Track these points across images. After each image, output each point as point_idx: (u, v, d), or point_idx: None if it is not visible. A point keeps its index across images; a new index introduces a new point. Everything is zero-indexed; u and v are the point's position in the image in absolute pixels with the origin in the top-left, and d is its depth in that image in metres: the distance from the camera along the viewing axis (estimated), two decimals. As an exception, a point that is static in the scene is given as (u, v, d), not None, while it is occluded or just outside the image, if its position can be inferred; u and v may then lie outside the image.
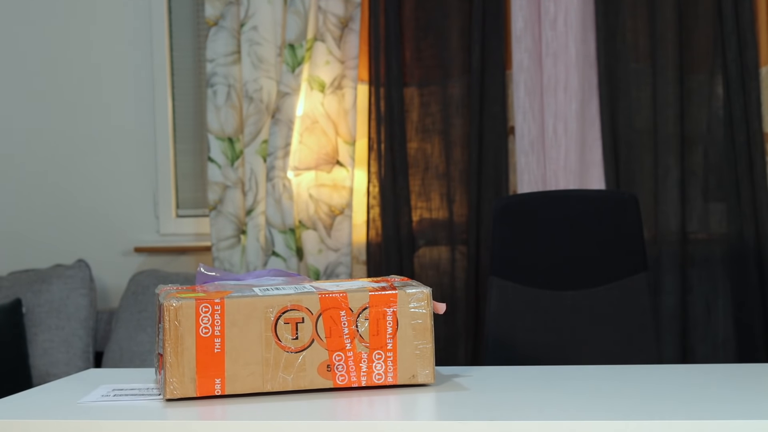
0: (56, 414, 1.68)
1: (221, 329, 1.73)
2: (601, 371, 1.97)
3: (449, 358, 3.63)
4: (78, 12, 4.05)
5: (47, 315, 3.72)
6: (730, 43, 3.48)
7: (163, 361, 1.73)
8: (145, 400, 1.75)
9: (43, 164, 4.06)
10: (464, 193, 3.68)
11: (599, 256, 2.60)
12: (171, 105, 4.04)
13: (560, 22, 3.53)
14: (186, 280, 3.63)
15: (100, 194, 4.05)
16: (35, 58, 4.07)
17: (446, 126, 3.71)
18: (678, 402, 1.65)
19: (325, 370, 1.76)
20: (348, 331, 1.76)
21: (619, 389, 1.76)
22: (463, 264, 3.67)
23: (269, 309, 1.74)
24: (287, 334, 1.74)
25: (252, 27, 3.71)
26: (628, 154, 3.58)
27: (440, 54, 3.72)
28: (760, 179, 3.47)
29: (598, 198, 2.77)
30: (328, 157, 3.70)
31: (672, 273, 3.50)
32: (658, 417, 1.55)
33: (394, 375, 1.78)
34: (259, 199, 3.73)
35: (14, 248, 4.07)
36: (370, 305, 1.77)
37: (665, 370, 1.98)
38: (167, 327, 1.72)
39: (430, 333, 1.79)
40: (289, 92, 3.66)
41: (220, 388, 1.73)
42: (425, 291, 1.80)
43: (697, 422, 1.50)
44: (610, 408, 1.62)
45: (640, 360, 2.49)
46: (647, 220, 3.51)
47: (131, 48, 4.03)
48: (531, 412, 1.62)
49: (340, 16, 3.68)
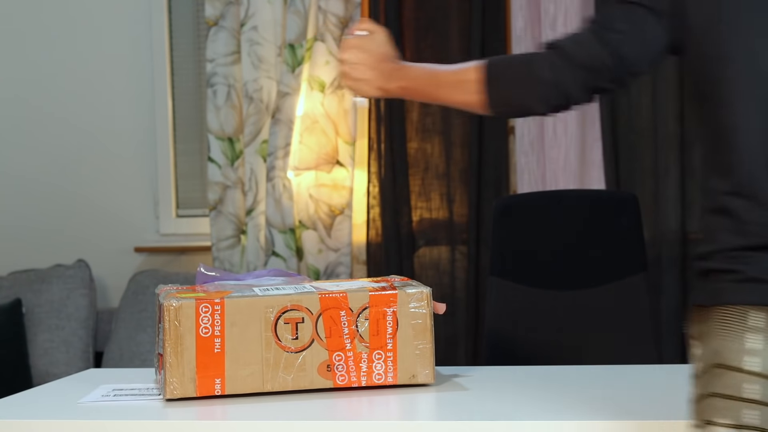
0: (56, 414, 1.68)
1: (221, 329, 1.73)
2: (601, 371, 1.97)
3: (449, 358, 3.63)
4: (78, 12, 4.05)
5: (47, 315, 3.72)
6: (730, 43, 3.48)
7: (163, 361, 1.73)
8: (145, 400, 1.75)
9: (43, 164, 4.06)
10: (464, 193, 3.68)
11: (599, 256, 2.60)
12: (171, 105, 4.04)
13: (560, 22, 3.53)
14: (186, 280, 3.62)
15: (100, 194, 4.05)
16: (35, 58, 4.07)
17: (446, 126, 3.71)
18: (678, 402, 1.65)
19: (325, 370, 1.76)
20: (348, 331, 1.76)
21: (619, 389, 1.76)
22: (463, 264, 3.67)
23: (269, 309, 1.74)
24: (287, 334, 1.74)
25: (252, 27, 3.70)
26: (628, 154, 3.58)
27: (440, 54, 3.72)
28: (760, 179, 3.47)
29: (598, 198, 2.77)
30: (328, 157, 3.70)
31: (672, 273, 3.50)
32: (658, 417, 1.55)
33: (394, 375, 1.78)
34: (259, 199, 3.73)
35: (14, 248, 4.07)
36: (370, 305, 1.77)
37: (665, 370, 1.98)
38: (167, 327, 1.72)
39: (430, 333, 1.80)
40: (289, 92, 3.66)
41: (220, 388, 1.73)
42: (425, 291, 1.80)
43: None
44: (610, 408, 1.62)
45: (640, 360, 2.49)
46: (647, 220, 3.50)
47: (131, 48, 4.03)
48: (531, 412, 1.62)
49: (340, 16, 3.68)
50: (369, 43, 1.86)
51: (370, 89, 1.86)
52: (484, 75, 1.70)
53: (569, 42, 1.61)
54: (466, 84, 1.72)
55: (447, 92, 1.77)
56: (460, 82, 1.74)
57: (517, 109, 1.70)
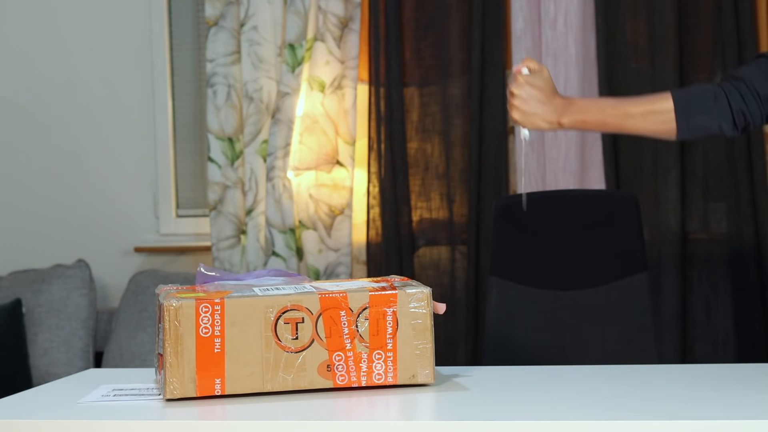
0: (56, 414, 1.68)
1: (221, 329, 1.73)
2: (601, 371, 1.97)
3: (449, 358, 3.63)
4: (78, 12, 4.05)
5: (47, 315, 3.72)
6: (730, 43, 3.48)
7: (163, 361, 1.73)
8: (145, 400, 1.75)
9: (43, 164, 4.06)
10: (464, 193, 3.68)
11: (599, 256, 2.60)
12: (171, 105, 4.04)
13: (560, 22, 3.53)
14: (186, 280, 3.62)
15: (100, 194, 4.05)
16: (35, 58, 4.07)
17: (446, 126, 3.71)
18: (678, 402, 1.65)
19: (325, 370, 1.76)
20: (348, 331, 1.76)
21: (619, 389, 1.76)
22: (463, 264, 3.67)
23: (269, 309, 1.74)
24: (287, 334, 1.74)
25: (252, 27, 3.70)
26: (628, 154, 3.58)
27: (440, 54, 3.72)
28: (759, 179, 3.47)
29: (598, 198, 2.77)
30: (328, 157, 3.70)
31: (672, 273, 3.50)
32: (658, 417, 1.55)
33: (394, 375, 1.78)
34: (259, 199, 3.73)
35: (14, 248, 4.07)
36: (370, 305, 1.77)
37: (665, 370, 1.98)
38: (167, 327, 1.72)
39: (430, 333, 1.79)
40: (289, 92, 3.66)
41: (220, 388, 1.73)
42: (425, 291, 1.80)
43: (697, 422, 1.50)
44: (610, 408, 1.62)
45: (640, 360, 2.49)
46: (647, 220, 3.50)
47: (131, 48, 4.03)
48: (531, 412, 1.62)
49: (340, 16, 3.68)
50: (538, 79, 2.04)
51: (542, 123, 2.05)
52: (674, 106, 1.97)
53: (749, 74, 1.98)
54: (658, 114, 1.98)
55: (636, 123, 2.00)
56: (650, 113, 1.99)
57: (706, 134, 1.99)
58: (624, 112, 2.01)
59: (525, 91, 2.04)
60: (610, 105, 2.05)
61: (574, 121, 2.04)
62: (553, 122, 2.04)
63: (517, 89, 2.05)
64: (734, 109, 1.96)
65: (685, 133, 1.98)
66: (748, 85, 1.98)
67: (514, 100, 2.05)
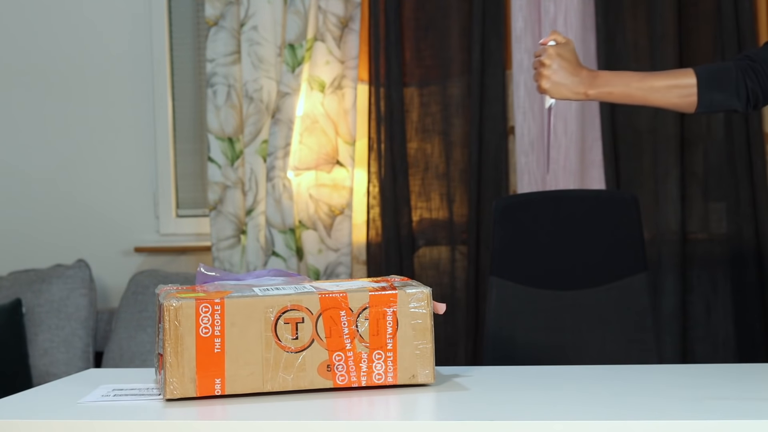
0: (56, 414, 1.68)
1: (221, 329, 1.73)
2: (601, 371, 1.97)
3: (449, 358, 3.63)
4: (78, 12, 4.05)
5: (47, 315, 3.71)
6: (730, 43, 3.48)
7: (163, 361, 1.73)
8: (145, 400, 1.75)
9: (43, 164, 4.06)
10: (464, 193, 3.68)
11: (599, 256, 2.60)
12: (171, 105, 4.04)
13: (560, 22, 3.53)
14: (186, 280, 3.62)
15: (100, 194, 4.05)
16: (35, 58, 4.07)
17: (446, 126, 3.71)
18: (678, 402, 1.65)
19: (325, 370, 1.76)
20: (348, 331, 1.76)
21: (619, 389, 1.76)
22: (463, 264, 3.67)
23: (269, 309, 1.74)
24: (287, 334, 1.74)
25: (252, 27, 3.70)
26: (628, 154, 3.58)
27: (440, 54, 3.72)
28: (759, 179, 3.47)
29: (598, 198, 2.77)
30: (328, 157, 3.70)
31: (672, 273, 3.50)
32: (658, 417, 1.55)
33: (394, 375, 1.78)
34: (259, 199, 3.73)
35: (14, 248, 4.07)
36: (370, 305, 1.77)
37: (665, 370, 1.98)
38: (167, 327, 1.72)
39: (430, 333, 1.79)
40: (289, 92, 3.66)
41: (220, 388, 1.73)
42: (425, 291, 1.80)
43: (697, 422, 1.50)
44: (610, 408, 1.62)
45: (640, 360, 2.49)
46: (647, 220, 3.50)
47: (131, 48, 4.03)
48: (531, 412, 1.62)
49: (340, 16, 3.68)
50: (566, 51, 2.13)
51: (569, 93, 2.12)
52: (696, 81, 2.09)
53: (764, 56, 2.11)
54: (681, 89, 2.10)
55: (660, 96, 2.10)
56: (674, 87, 2.10)
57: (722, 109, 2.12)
58: (650, 85, 2.10)
59: (556, 62, 2.11)
60: (635, 78, 2.12)
61: (600, 92, 2.11)
62: (579, 93, 2.12)
63: (548, 60, 2.11)
64: (749, 87, 2.10)
65: (704, 107, 2.11)
66: (763, 65, 2.11)
67: (545, 70, 2.12)
